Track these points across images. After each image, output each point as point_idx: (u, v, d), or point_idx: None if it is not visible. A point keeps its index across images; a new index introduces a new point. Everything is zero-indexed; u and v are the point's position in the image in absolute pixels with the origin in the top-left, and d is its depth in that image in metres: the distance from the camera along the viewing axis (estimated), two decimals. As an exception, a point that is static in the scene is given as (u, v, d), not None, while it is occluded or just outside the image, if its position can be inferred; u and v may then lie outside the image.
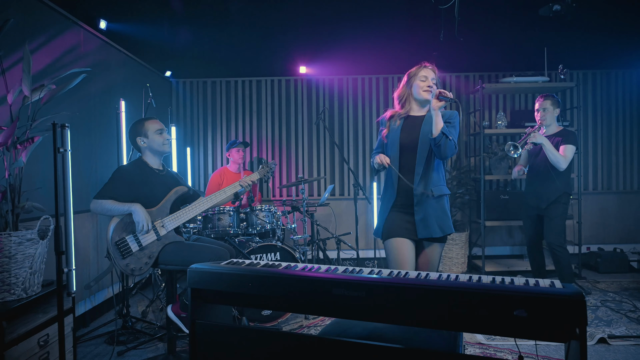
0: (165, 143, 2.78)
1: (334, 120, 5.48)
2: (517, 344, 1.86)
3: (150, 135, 2.73)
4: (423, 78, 2.44)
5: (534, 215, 3.88)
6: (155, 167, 2.78)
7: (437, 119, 2.30)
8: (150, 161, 2.78)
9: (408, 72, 2.53)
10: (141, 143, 2.74)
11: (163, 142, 2.77)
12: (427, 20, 4.13)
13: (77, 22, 3.37)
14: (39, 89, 2.15)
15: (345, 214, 5.30)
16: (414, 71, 2.50)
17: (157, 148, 2.76)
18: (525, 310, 1.30)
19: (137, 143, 2.76)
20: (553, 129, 3.81)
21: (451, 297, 1.39)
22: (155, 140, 2.74)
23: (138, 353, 2.96)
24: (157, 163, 2.81)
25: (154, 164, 2.79)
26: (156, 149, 2.76)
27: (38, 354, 2.13)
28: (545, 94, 3.82)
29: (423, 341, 1.72)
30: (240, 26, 4.24)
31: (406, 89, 2.52)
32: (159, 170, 2.80)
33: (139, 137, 2.74)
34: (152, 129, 2.75)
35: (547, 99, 3.78)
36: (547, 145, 3.62)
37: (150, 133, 2.74)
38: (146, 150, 2.77)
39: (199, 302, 1.84)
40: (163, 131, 2.78)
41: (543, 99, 3.79)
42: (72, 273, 1.96)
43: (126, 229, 2.53)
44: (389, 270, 1.71)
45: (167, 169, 2.90)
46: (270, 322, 3.38)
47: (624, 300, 3.86)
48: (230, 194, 2.83)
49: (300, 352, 1.66)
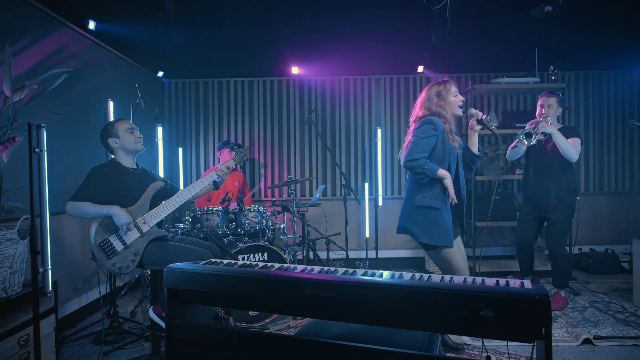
0: (138, 141, 2.78)
1: (326, 121, 5.49)
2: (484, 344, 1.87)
3: (122, 134, 2.73)
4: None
5: (537, 216, 3.77)
6: (129, 167, 2.78)
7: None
8: (124, 161, 2.77)
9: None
10: (113, 144, 2.73)
11: (135, 141, 2.76)
12: (419, 21, 4.14)
13: (65, 23, 3.37)
14: (20, 90, 2.15)
15: (337, 215, 5.30)
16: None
17: (130, 147, 2.75)
18: (492, 310, 1.31)
19: (109, 145, 2.75)
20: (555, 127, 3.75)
21: (418, 297, 1.40)
22: (127, 139, 2.74)
23: (124, 353, 2.96)
24: (130, 162, 2.80)
25: (128, 163, 2.79)
26: (129, 148, 2.76)
27: (18, 353, 2.14)
28: (550, 91, 3.72)
29: (399, 341, 1.73)
30: (232, 27, 4.24)
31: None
32: (134, 169, 2.80)
33: (110, 139, 2.73)
34: (122, 128, 2.74)
35: (553, 96, 3.67)
36: (558, 135, 3.44)
37: (121, 133, 2.73)
38: (119, 150, 2.76)
39: (175, 302, 1.84)
40: (134, 130, 2.78)
41: (548, 95, 3.68)
42: (48, 273, 1.97)
43: (108, 230, 2.53)
44: (363, 270, 1.72)
45: (142, 168, 2.89)
46: (258, 323, 3.39)
47: (613, 301, 3.86)
48: (209, 184, 2.82)
49: (275, 352, 1.67)
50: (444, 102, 2.54)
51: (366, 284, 1.51)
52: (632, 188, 5.42)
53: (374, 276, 1.64)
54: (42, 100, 2.89)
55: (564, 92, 5.32)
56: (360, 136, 5.48)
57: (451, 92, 2.58)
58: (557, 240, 3.66)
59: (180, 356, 1.82)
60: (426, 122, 2.48)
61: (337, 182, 5.47)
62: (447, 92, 2.56)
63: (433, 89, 2.59)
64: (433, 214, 2.41)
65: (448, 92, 2.56)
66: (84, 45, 3.67)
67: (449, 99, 2.55)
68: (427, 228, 2.44)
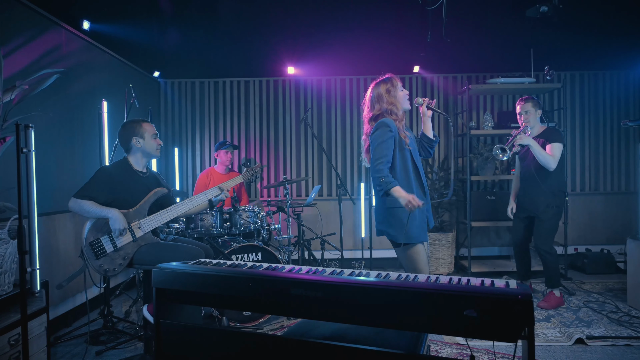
0: (159, 148, 2.83)
1: (322, 121, 5.49)
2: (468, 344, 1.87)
3: (147, 137, 2.76)
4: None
5: (527, 216, 3.82)
6: (139, 170, 2.79)
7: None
8: (136, 163, 2.78)
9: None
10: (136, 144, 2.74)
11: (157, 147, 2.81)
12: (415, 21, 4.15)
13: (58, 23, 3.37)
14: (10, 90, 2.16)
15: (333, 215, 5.30)
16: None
17: (151, 151, 2.78)
18: (475, 310, 1.31)
19: (131, 142, 2.75)
20: (537, 130, 3.76)
21: (403, 297, 1.40)
22: (151, 144, 2.77)
23: (117, 353, 2.97)
24: (142, 165, 2.81)
25: (139, 166, 2.80)
26: (149, 152, 2.78)
27: (9, 353, 2.14)
28: (524, 97, 3.78)
29: (385, 341, 1.73)
30: (228, 27, 4.26)
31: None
32: (142, 172, 2.80)
33: (135, 137, 2.74)
34: (149, 131, 2.77)
35: (528, 102, 3.73)
36: (534, 147, 3.56)
37: (147, 135, 2.76)
38: (138, 151, 2.77)
39: (164, 302, 1.84)
40: (157, 136, 2.82)
41: (524, 102, 3.75)
42: (36, 273, 1.97)
43: (101, 230, 2.54)
44: (350, 270, 1.72)
45: (151, 171, 2.91)
46: (251, 323, 3.39)
47: (607, 301, 3.86)
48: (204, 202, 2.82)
49: (261, 352, 1.67)
50: (394, 99, 2.56)
51: (352, 284, 1.51)
52: (627, 188, 5.42)
53: (361, 276, 1.64)
54: (36, 100, 2.91)
55: (559, 92, 5.34)
56: (356, 136, 5.48)
57: (398, 88, 2.61)
58: (543, 239, 3.70)
59: (169, 356, 1.82)
60: (380, 126, 2.49)
61: (332, 182, 5.48)
62: (395, 88, 2.59)
63: (381, 87, 2.60)
64: (405, 214, 2.42)
65: (395, 87, 2.59)
66: (78, 46, 3.67)
67: (397, 95, 2.58)
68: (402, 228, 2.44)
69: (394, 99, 2.57)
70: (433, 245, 4.90)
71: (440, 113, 2.65)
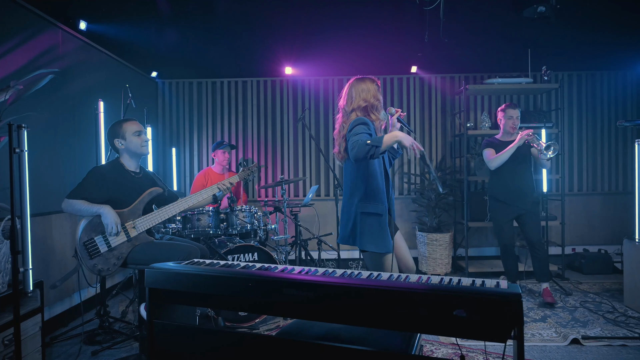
0: (144, 145, 2.76)
1: (319, 121, 5.49)
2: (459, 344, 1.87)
3: (128, 137, 2.72)
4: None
5: (514, 216, 3.92)
6: (131, 170, 2.77)
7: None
8: (127, 163, 2.77)
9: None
10: (119, 145, 2.72)
11: (141, 144, 2.75)
12: (412, 21, 4.14)
13: (55, 23, 3.38)
14: (5, 90, 2.16)
15: (331, 215, 5.30)
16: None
17: (135, 150, 2.74)
18: (464, 310, 1.31)
19: (114, 145, 2.74)
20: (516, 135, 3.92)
21: (393, 297, 1.40)
22: (133, 142, 2.72)
23: (112, 353, 2.97)
24: (134, 165, 2.80)
25: (131, 166, 2.78)
26: (134, 151, 2.74)
27: (3, 353, 2.14)
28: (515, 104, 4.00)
29: (378, 341, 1.73)
30: (226, 27, 4.25)
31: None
32: (135, 172, 2.79)
33: (117, 139, 2.72)
34: (129, 130, 2.73)
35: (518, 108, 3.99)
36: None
37: (128, 135, 2.72)
38: (124, 152, 2.75)
39: (157, 302, 1.84)
40: (141, 133, 2.76)
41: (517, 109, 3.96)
42: (29, 273, 1.97)
43: (95, 230, 2.54)
44: (342, 271, 1.72)
45: (145, 170, 2.89)
46: (247, 323, 3.39)
47: (604, 301, 3.87)
48: (208, 197, 2.84)
49: (254, 352, 1.67)
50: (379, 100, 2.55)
51: (342, 284, 1.51)
52: (625, 188, 5.42)
53: (352, 276, 1.64)
54: (32, 100, 2.91)
55: (556, 92, 5.34)
56: (354, 136, 5.47)
57: (380, 91, 2.58)
58: (538, 232, 3.88)
59: (162, 356, 1.83)
60: (359, 123, 2.39)
61: (330, 182, 5.48)
62: (378, 90, 2.56)
63: (367, 82, 2.55)
64: (377, 221, 2.36)
65: (379, 90, 2.57)
66: (75, 46, 3.67)
67: (379, 97, 2.55)
68: (372, 236, 2.37)
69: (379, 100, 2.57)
70: (430, 246, 4.90)
71: (407, 128, 2.55)
